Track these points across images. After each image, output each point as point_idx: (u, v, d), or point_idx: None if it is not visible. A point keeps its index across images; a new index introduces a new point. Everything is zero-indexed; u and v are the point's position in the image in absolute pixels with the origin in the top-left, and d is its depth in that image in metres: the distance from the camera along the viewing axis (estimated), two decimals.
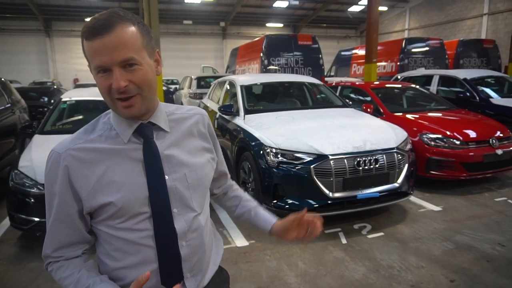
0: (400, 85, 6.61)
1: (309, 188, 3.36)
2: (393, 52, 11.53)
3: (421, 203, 4.27)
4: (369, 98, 5.89)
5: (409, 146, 3.90)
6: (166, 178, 0.98)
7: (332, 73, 14.88)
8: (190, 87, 11.17)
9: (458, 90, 6.94)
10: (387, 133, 3.89)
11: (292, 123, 4.05)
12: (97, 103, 4.36)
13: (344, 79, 12.05)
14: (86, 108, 4.59)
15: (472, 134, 4.65)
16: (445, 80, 7.43)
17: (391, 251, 3.16)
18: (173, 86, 17.07)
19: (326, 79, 11.47)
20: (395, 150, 3.63)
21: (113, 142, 0.97)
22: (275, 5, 23.56)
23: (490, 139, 4.60)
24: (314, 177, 3.33)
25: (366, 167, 3.45)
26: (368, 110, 5.28)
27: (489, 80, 7.31)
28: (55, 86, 11.56)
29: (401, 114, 5.36)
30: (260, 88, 5.63)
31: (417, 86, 6.64)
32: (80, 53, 0.91)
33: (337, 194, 3.38)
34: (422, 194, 4.52)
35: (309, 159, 3.40)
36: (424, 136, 4.66)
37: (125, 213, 0.95)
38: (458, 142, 4.52)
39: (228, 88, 5.58)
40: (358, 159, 3.43)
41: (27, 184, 3.08)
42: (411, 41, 11.55)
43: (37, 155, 3.31)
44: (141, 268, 0.97)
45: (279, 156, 3.49)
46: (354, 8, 24.86)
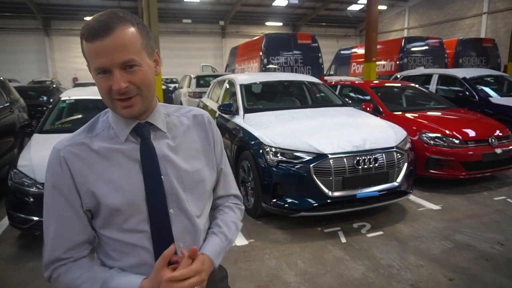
0: (399, 84, 6.61)
1: (308, 187, 3.36)
2: (393, 51, 11.53)
3: (421, 202, 4.27)
4: (368, 97, 5.89)
5: (408, 145, 3.90)
6: (163, 178, 0.98)
7: (332, 72, 14.88)
8: (189, 86, 11.15)
9: (457, 89, 6.94)
10: (387, 132, 3.89)
11: (291, 122, 4.05)
12: (96, 102, 4.35)
13: (343, 78, 12.04)
14: (86, 107, 4.58)
15: (472, 133, 4.65)
16: (444, 79, 7.43)
17: (390, 250, 3.16)
18: (173, 85, 17.04)
19: (326, 78, 11.46)
20: (394, 149, 3.63)
21: (111, 141, 0.97)
22: (275, 4, 23.53)
23: (489, 138, 4.61)
24: (314, 176, 3.34)
25: (366, 166, 3.45)
26: (368, 109, 5.29)
27: (488, 79, 7.31)
28: (54, 85, 11.54)
29: (400, 113, 5.36)
30: (259, 87, 5.63)
31: (417, 85, 6.64)
32: (79, 52, 0.91)
33: (336, 193, 3.38)
34: (421, 193, 4.53)
35: (308, 158, 3.40)
36: (424, 135, 4.66)
37: (122, 213, 0.95)
38: (457, 141, 4.53)
39: (228, 87, 5.58)
40: (358, 158, 3.43)
41: (26, 183, 3.07)
42: (410, 40, 11.54)
43: (36, 154, 3.30)
44: (139, 269, 0.97)
45: (278, 155, 3.49)
46: (354, 7, 24.86)
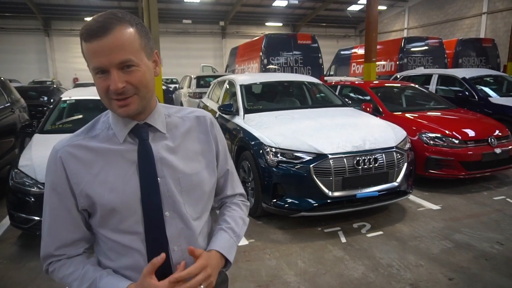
0: (399, 85, 6.61)
1: (308, 187, 3.37)
2: (392, 51, 11.53)
3: (420, 202, 4.28)
4: (368, 98, 5.90)
5: (408, 145, 3.91)
6: (159, 180, 0.97)
7: (332, 72, 14.89)
8: (189, 86, 11.16)
9: (457, 89, 6.95)
10: (387, 132, 3.89)
11: (291, 123, 4.05)
12: (97, 103, 4.36)
13: (343, 78, 12.06)
14: (86, 107, 4.59)
15: (471, 133, 4.66)
16: (444, 79, 7.44)
17: (390, 250, 3.17)
18: (173, 86, 17.06)
19: (326, 78, 11.47)
20: (394, 149, 3.64)
21: (109, 142, 0.97)
22: (275, 4, 23.56)
23: (489, 138, 4.61)
24: (314, 176, 3.34)
25: (366, 166, 3.46)
26: (368, 109, 5.30)
27: (488, 79, 7.31)
28: (54, 86, 11.54)
29: (400, 113, 5.37)
30: (259, 88, 5.64)
31: (416, 85, 6.65)
32: (80, 53, 0.91)
33: (336, 193, 3.39)
34: (421, 193, 4.53)
35: (308, 158, 3.41)
36: (423, 135, 4.67)
37: (117, 214, 0.95)
38: (457, 141, 4.53)
39: (228, 87, 5.59)
40: (358, 158, 3.44)
41: (27, 183, 3.09)
42: (410, 40, 11.55)
43: (37, 154, 3.31)
44: (132, 271, 0.97)
45: (278, 155, 3.50)
46: (353, 7, 24.86)
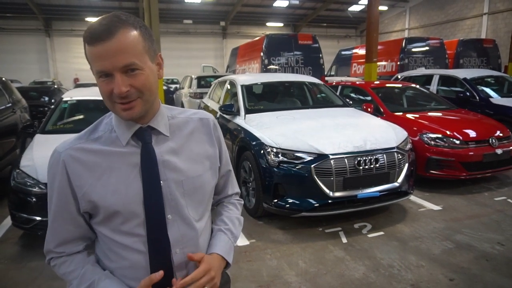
0: (400, 85, 6.61)
1: (309, 188, 3.37)
2: (393, 52, 11.54)
3: (421, 202, 4.28)
4: (369, 98, 5.90)
5: (409, 146, 3.91)
6: (162, 183, 0.97)
7: (333, 73, 14.90)
8: (190, 86, 11.16)
9: (458, 90, 6.94)
10: (387, 132, 3.90)
11: (292, 123, 4.05)
12: (98, 103, 4.36)
13: (344, 78, 12.05)
14: (87, 107, 4.60)
15: (472, 133, 4.65)
16: (445, 80, 7.43)
17: (391, 250, 3.17)
18: (173, 86, 17.07)
19: (327, 78, 11.47)
20: (395, 150, 3.64)
21: (112, 145, 0.97)
22: (275, 4, 23.56)
23: (490, 139, 4.61)
24: (315, 176, 3.34)
25: (367, 166, 3.46)
26: (369, 109, 5.29)
27: (489, 79, 7.31)
28: (55, 86, 11.55)
29: (401, 113, 5.37)
30: (260, 88, 5.64)
31: (417, 86, 6.65)
32: (80, 53, 0.92)
33: (337, 194, 3.39)
34: (422, 194, 4.53)
35: (309, 158, 3.41)
36: (424, 135, 4.67)
37: (119, 216, 0.95)
38: (458, 142, 4.53)
39: (229, 87, 5.59)
40: (359, 158, 3.44)
41: (28, 183, 3.09)
42: (411, 40, 11.56)
43: (38, 155, 3.32)
44: (132, 272, 0.97)
45: (279, 155, 3.50)
46: (354, 8, 24.87)
